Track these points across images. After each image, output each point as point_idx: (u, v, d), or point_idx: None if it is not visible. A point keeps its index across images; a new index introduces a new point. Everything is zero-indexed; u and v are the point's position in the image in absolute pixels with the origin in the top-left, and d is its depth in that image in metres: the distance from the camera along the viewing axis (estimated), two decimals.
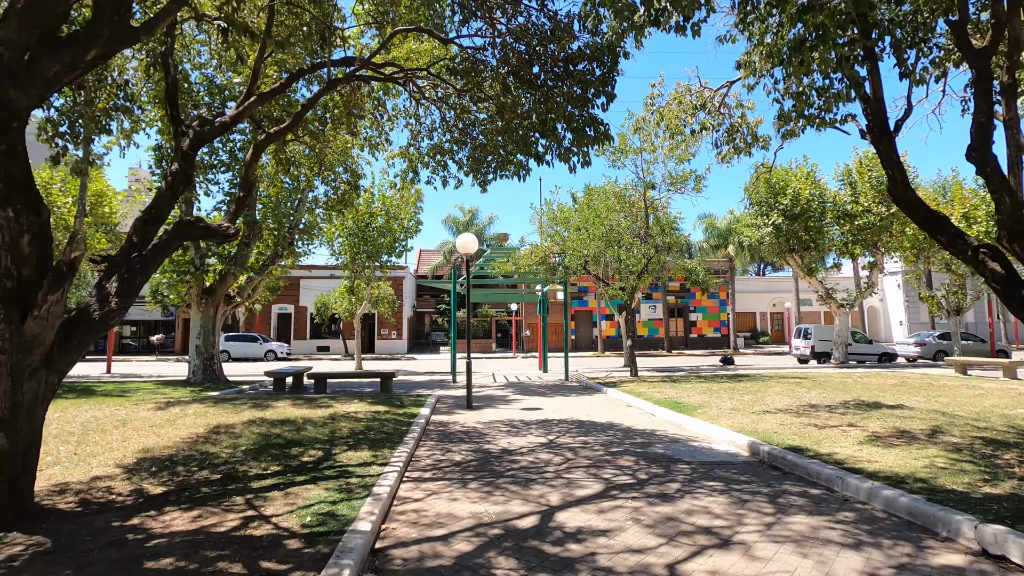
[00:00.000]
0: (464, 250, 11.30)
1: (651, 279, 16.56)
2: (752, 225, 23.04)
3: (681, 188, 15.95)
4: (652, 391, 12.38)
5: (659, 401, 10.78)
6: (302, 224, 17.50)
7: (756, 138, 9.88)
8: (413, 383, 16.79)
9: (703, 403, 10.23)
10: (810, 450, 6.28)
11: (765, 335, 43.58)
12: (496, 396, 13.01)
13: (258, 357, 32.95)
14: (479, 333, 40.27)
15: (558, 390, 14.23)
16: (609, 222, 15.56)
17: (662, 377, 16.35)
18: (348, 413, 9.29)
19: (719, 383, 13.77)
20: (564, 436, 7.96)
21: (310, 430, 7.65)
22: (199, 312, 15.34)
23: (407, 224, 22.51)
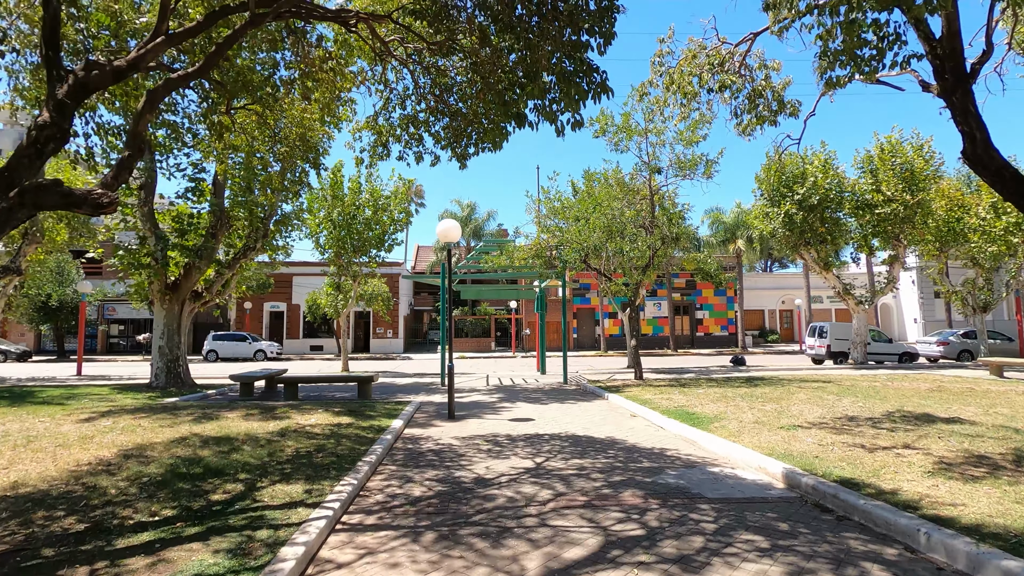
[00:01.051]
0: (446, 238, 9.92)
1: (657, 274, 15.13)
2: (763, 216, 21.57)
3: (690, 174, 14.52)
4: (659, 398, 10.98)
5: (668, 411, 9.39)
6: (279, 214, 16.15)
7: (783, 104, 8.45)
8: (398, 387, 15.44)
9: (719, 414, 8.82)
10: (867, 484, 4.88)
11: (774, 333, 42.09)
12: (484, 403, 11.64)
13: (247, 357, 31.70)
14: (478, 332, 38.91)
15: (554, 395, 12.86)
16: (611, 210, 14.15)
17: (669, 380, 14.94)
18: (304, 427, 7.93)
19: (734, 388, 12.36)
20: (555, 458, 6.57)
21: (245, 452, 6.29)
22: (162, 310, 14.00)
23: (397, 216, 21.16)
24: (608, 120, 14.25)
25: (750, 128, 9.02)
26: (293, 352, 37.01)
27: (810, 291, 36.84)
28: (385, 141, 8.85)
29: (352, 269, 21.06)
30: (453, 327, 42.56)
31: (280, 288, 37.67)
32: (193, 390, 13.51)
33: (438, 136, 8.57)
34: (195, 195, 13.51)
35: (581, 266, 15.76)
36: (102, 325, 36.86)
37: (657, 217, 15.00)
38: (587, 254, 14.84)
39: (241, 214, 14.45)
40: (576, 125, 5.61)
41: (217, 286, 14.80)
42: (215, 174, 13.91)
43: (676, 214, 14.84)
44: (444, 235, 9.86)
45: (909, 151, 19.78)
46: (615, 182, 15.09)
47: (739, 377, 15.38)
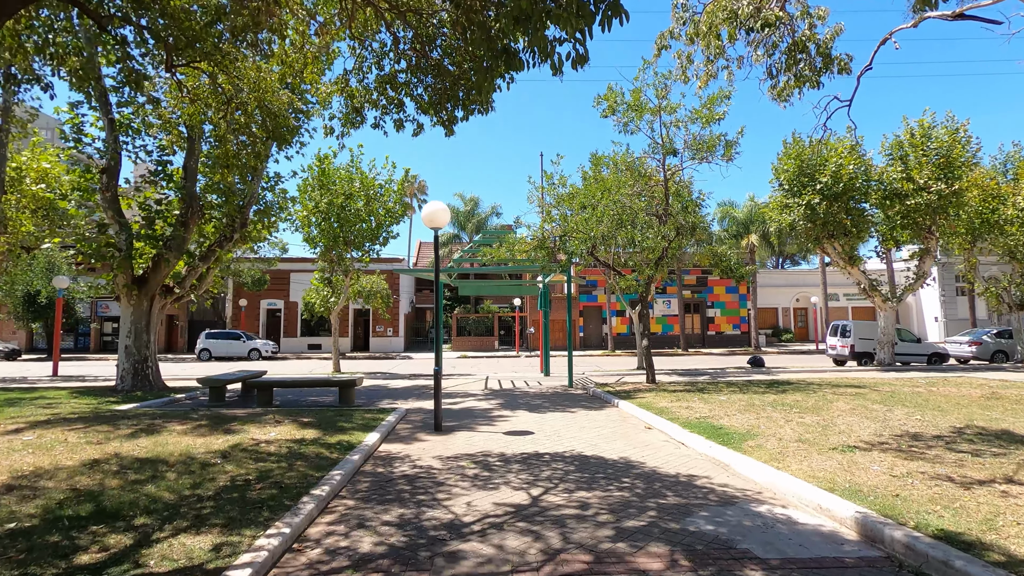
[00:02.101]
0: (432, 223, 8.63)
1: (670, 268, 13.78)
2: (782, 208, 20.11)
3: (707, 156, 13.14)
4: (677, 406, 9.64)
5: (689, 423, 8.04)
6: (263, 203, 14.90)
7: (829, 60, 7.09)
8: (389, 390, 14.17)
9: (752, 429, 7.48)
10: (986, 544, 3.53)
11: (788, 332, 40.53)
12: (478, 411, 10.34)
13: (242, 356, 30.63)
14: (481, 330, 37.62)
15: (558, 401, 11.54)
16: (621, 197, 12.81)
17: (685, 384, 13.58)
18: (259, 443, 6.66)
19: (759, 395, 11.00)
20: (556, 489, 5.26)
21: (166, 481, 5.02)
22: (129, 306, 12.79)
23: (393, 208, 19.89)
24: (617, 97, 12.90)
25: (787, 92, 7.68)
26: (290, 351, 35.90)
27: (827, 288, 35.26)
28: (359, 106, 7.56)
29: (344, 264, 19.82)
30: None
31: (277, 285, 36.56)
32: (161, 394, 12.30)
33: (421, 100, 7.27)
34: (163, 179, 12.28)
35: (588, 259, 14.43)
36: (94, 323, 35.87)
37: (671, 205, 13.62)
38: (594, 245, 13.50)
39: (215, 201, 13.22)
40: (578, 61, 4.28)
41: (190, 280, 13.56)
42: (185, 157, 12.68)
43: (692, 202, 13.47)
44: (430, 219, 8.57)
45: (943, 135, 18.26)
46: (625, 167, 13.73)
47: (761, 381, 14.00)
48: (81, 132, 11.72)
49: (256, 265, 35.17)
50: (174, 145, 12.47)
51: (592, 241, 12.85)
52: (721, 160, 13.10)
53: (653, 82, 12.53)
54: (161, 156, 12.18)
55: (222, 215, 13.51)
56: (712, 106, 12.70)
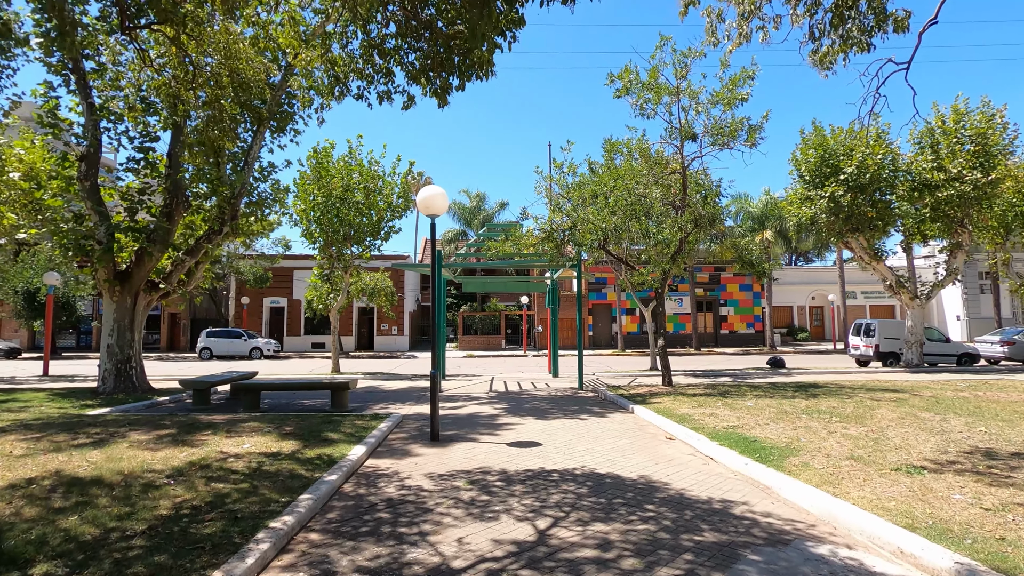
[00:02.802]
0: (428, 210, 7.75)
1: (686, 263, 12.83)
2: (803, 201, 19.05)
3: (729, 142, 12.16)
4: (700, 413, 8.70)
5: (717, 434, 7.12)
6: (256, 195, 14.09)
7: (884, 16, 6.13)
8: (387, 392, 13.34)
9: (791, 441, 6.54)
10: None
11: (804, 331, 39.36)
12: (481, 417, 9.46)
13: (243, 355, 30.00)
14: (487, 329, 36.75)
15: (568, 406, 10.64)
16: (635, 186, 11.88)
17: (705, 387, 12.63)
18: (226, 458, 5.82)
19: (789, 399, 10.04)
20: (567, 520, 4.37)
21: (98, 507, 4.19)
22: (112, 302, 12.04)
23: (395, 202, 19.06)
24: (632, 77, 11.95)
25: (831, 57, 6.74)
26: (293, 350, 35.24)
27: (844, 286, 34.06)
28: (344, 76, 6.69)
29: (344, 260, 19.01)
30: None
31: (281, 282, 35.90)
32: (144, 396, 11.53)
33: (411, 68, 6.40)
34: (145, 167, 11.50)
35: (598, 253, 13.48)
36: (95, 321, 35.33)
37: (689, 194, 12.66)
38: (606, 238, 12.58)
39: (203, 191, 12.43)
40: None
41: (177, 276, 12.78)
42: (170, 144, 11.89)
43: (712, 190, 12.51)
44: (426, 206, 7.69)
45: (978, 121, 17.13)
46: (640, 153, 12.78)
47: (787, 384, 13.02)
48: (57, 116, 10.95)
49: (259, 262, 34.54)
50: (158, 130, 11.69)
51: (604, 233, 11.93)
52: (744, 146, 12.12)
53: (671, 60, 11.58)
54: (144, 143, 11.40)
55: (210, 207, 12.72)
56: (735, 87, 11.73)
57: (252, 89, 6.91)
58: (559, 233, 12.53)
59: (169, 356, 31.88)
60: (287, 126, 14.12)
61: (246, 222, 14.08)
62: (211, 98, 6.37)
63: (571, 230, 12.12)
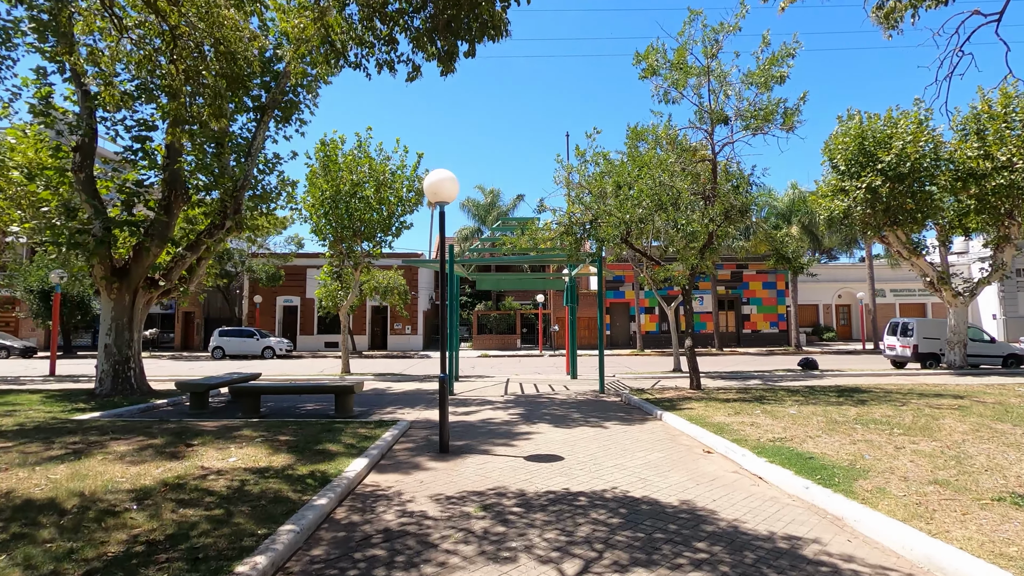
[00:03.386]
0: (436, 196, 6.99)
1: (715, 258, 11.92)
2: (836, 193, 17.96)
3: (764, 127, 11.23)
4: (739, 422, 7.83)
5: (763, 447, 6.25)
6: (261, 188, 13.46)
7: None
8: (397, 395, 12.64)
9: (853, 459, 5.66)
10: None
11: (830, 330, 38.02)
12: (496, 425, 8.69)
13: (255, 354, 29.64)
14: (503, 328, 36.00)
15: (589, 412, 9.82)
16: (660, 173, 11.00)
17: (737, 391, 11.71)
18: (207, 475, 5.12)
19: (835, 406, 9.11)
20: (600, 563, 3.56)
21: (35, 540, 3.49)
22: (109, 300, 11.49)
23: (405, 196, 18.37)
24: (659, 56, 11.08)
25: (899, 13, 5.84)
26: (307, 349, 34.83)
27: (874, 283, 32.65)
28: (342, 45, 5.94)
29: (354, 256, 18.38)
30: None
31: (294, 281, 35.52)
32: (141, 399, 10.95)
33: (416, 32, 5.63)
34: (142, 158, 10.91)
35: (620, 248, 12.59)
36: None
37: (719, 184, 11.75)
38: (629, 231, 11.72)
39: (202, 183, 11.83)
40: None
41: (177, 272, 12.20)
42: (168, 134, 11.30)
43: (744, 179, 11.57)
44: (434, 192, 6.93)
45: None
46: (667, 140, 11.90)
47: (826, 388, 12.05)
48: (50, 105, 10.41)
49: (271, 261, 34.19)
50: (157, 119, 11.11)
51: (627, 225, 11.07)
52: (780, 130, 11.17)
53: (701, 37, 10.68)
54: (140, 132, 10.82)
55: (212, 200, 12.12)
56: (772, 66, 10.79)
57: (239, 61, 6.25)
58: (579, 227, 11.70)
59: (183, 355, 31.66)
60: (292, 116, 13.51)
61: (251, 216, 13.47)
62: (187, 72, 5.71)
63: (593, 223, 11.28)
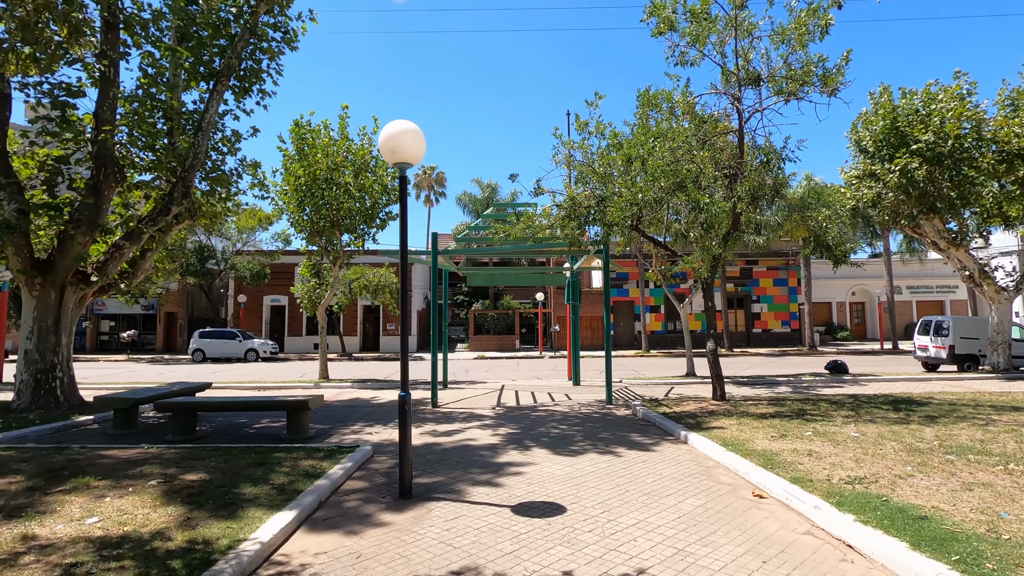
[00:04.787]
0: (394, 154, 5.24)
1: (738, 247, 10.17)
2: (865, 178, 16.19)
3: (801, 91, 9.47)
4: (789, 448, 6.08)
5: (840, 495, 4.50)
6: (219, 171, 11.70)
7: None
8: (373, 407, 10.90)
9: (986, 518, 3.91)
10: None
11: (844, 329, 36.22)
12: (481, 449, 6.95)
13: (238, 357, 27.93)
14: (501, 328, 34.25)
15: (596, 430, 8.07)
16: (679, 146, 9.28)
17: (769, 402, 9.95)
18: (13, 558, 3.39)
19: (903, 424, 7.36)
20: None
21: None
22: (31, 297, 9.76)
23: (389, 183, 16.64)
24: (676, 5, 9.34)
25: None
26: (295, 351, 33.10)
27: (892, 279, 30.87)
28: None
29: (333, 251, 16.66)
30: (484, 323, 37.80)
31: (281, 280, 33.75)
32: (65, 415, 9.21)
33: None
34: (65, 129, 9.18)
35: (628, 237, 10.80)
36: (88, 321, 33.58)
37: (747, 159, 10.00)
38: (641, 214, 9.98)
39: (144, 158, 10.11)
40: None
41: (115, 266, 10.46)
42: (98, 100, 9.57)
43: (775, 153, 9.84)
44: (391, 148, 5.19)
45: None
46: (683, 109, 10.15)
47: (874, 398, 10.29)
48: None
49: (256, 258, 32.47)
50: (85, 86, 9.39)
51: (639, 207, 9.33)
52: (820, 94, 9.43)
53: None
54: (61, 97, 9.10)
55: (154, 181, 10.39)
56: (812, 16, 9.05)
57: None
58: (583, 211, 9.94)
59: (163, 358, 29.93)
60: (253, 86, 11.78)
61: (207, 203, 11.74)
62: None
63: (599, 205, 9.53)
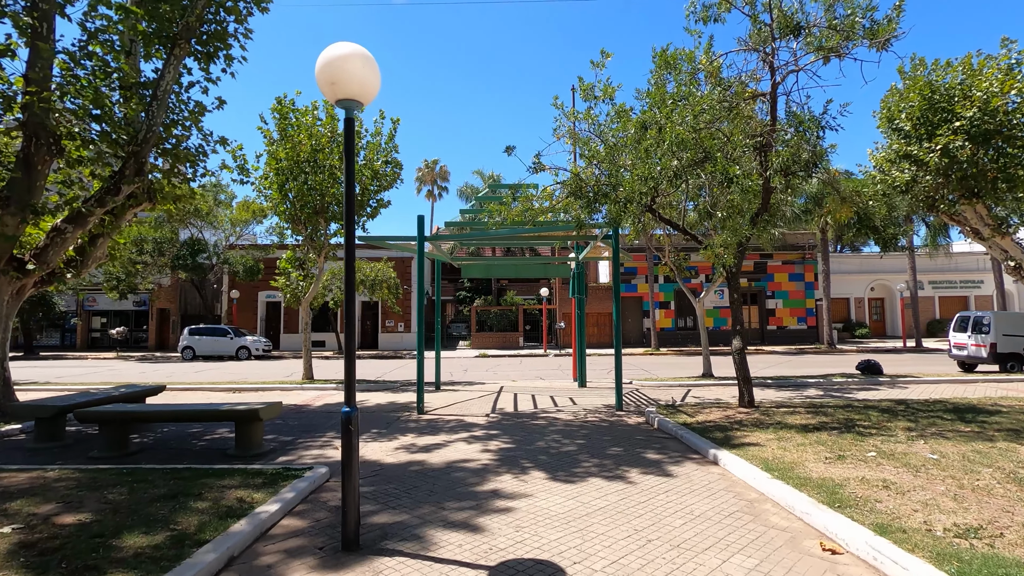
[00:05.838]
0: (336, 90, 3.90)
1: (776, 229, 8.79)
2: (899, 159, 14.67)
3: (844, 46, 8.07)
4: (856, 477, 4.72)
5: (959, 559, 3.16)
6: (193, 144, 10.39)
7: None
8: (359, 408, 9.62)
9: None
10: None
11: (862, 326, 34.64)
12: (464, 472, 5.62)
13: (229, 354, 26.78)
14: (504, 325, 32.93)
15: (605, 444, 6.73)
16: (703, 111, 7.91)
17: (808, 411, 8.56)
18: None
19: (984, 441, 5.98)
20: None
21: None
22: None
23: (382, 170, 15.34)
24: None
25: None
26: (290, 348, 31.92)
27: (915, 273, 29.29)
28: None
29: (317, 241, 15.39)
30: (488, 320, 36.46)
31: (277, 275, 32.59)
32: None
33: None
34: None
35: (635, 228, 9.45)
36: (77, 318, 32.53)
37: (780, 128, 8.61)
38: (657, 192, 8.60)
39: (87, 129, 8.83)
40: None
41: (59, 253, 9.20)
42: (28, 60, 8.30)
43: (813, 119, 8.44)
44: (329, 79, 3.85)
45: None
46: (708, 71, 8.76)
47: (929, 405, 8.89)
48: None
49: (250, 252, 31.30)
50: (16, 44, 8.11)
51: (656, 182, 7.97)
52: (869, 47, 8.02)
53: None
54: None
55: (101, 153, 9.10)
56: None
57: None
58: (592, 188, 8.55)
59: (154, 356, 28.82)
60: (219, 51, 10.45)
61: (169, 184, 10.43)
62: None
63: (609, 180, 8.16)
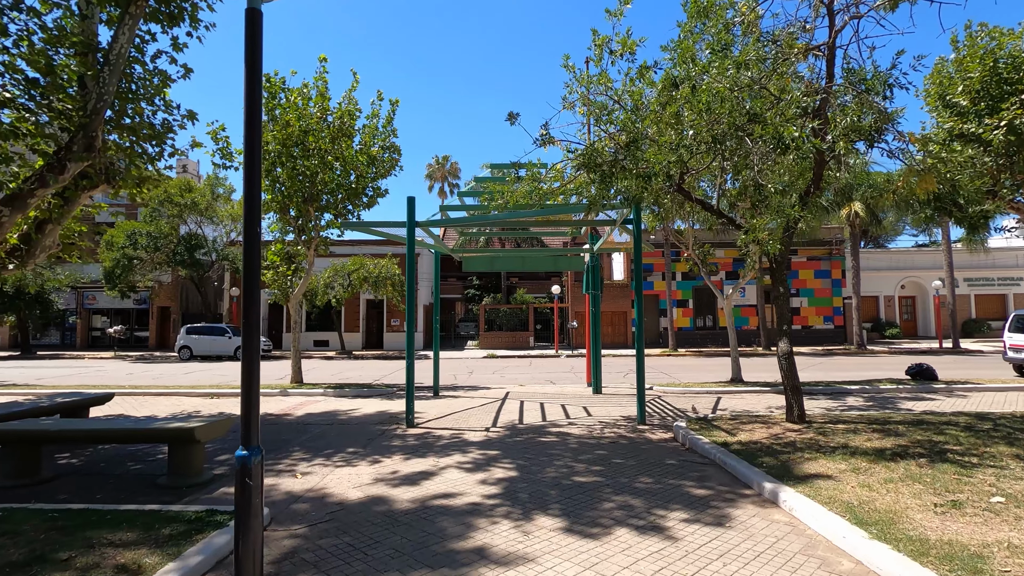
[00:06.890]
0: None
1: None
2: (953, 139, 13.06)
3: None
4: (997, 540, 3.32)
5: None
6: (158, 119, 9.15)
7: None
8: (329, 424, 8.32)
9: None
10: None
11: (892, 326, 32.72)
12: (450, 515, 4.27)
13: (228, 354, 25.75)
14: (513, 324, 31.57)
15: (630, 476, 5.35)
16: (746, 66, 6.50)
17: (871, 427, 7.09)
18: None
19: None
20: None
21: None
22: None
23: (380, 155, 14.05)
24: None
25: None
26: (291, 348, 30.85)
27: (953, 270, 27.39)
28: None
29: (307, 231, 14.15)
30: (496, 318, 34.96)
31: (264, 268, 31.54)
32: None
33: None
34: None
35: (655, 218, 8.03)
36: (76, 316, 31.75)
37: (836, 91, 7.16)
38: (686, 167, 7.19)
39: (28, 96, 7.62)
40: None
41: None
42: None
43: (878, 77, 6.98)
44: None
45: None
46: (747, 21, 7.34)
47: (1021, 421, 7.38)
48: None
49: None
50: None
51: (687, 149, 6.56)
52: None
53: None
54: None
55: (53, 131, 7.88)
56: None
57: None
58: (606, 161, 7.16)
59: (154, 355, 27.90)
60: (183, 11, 9.19)
61: (132, 165, 9.18)
62: None
63: (631, 146, 6.77)
